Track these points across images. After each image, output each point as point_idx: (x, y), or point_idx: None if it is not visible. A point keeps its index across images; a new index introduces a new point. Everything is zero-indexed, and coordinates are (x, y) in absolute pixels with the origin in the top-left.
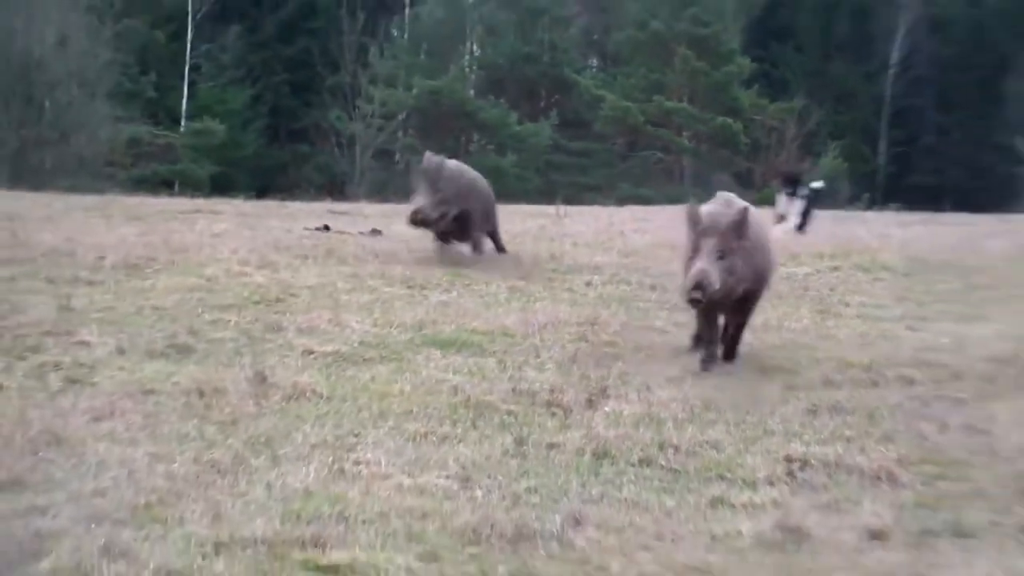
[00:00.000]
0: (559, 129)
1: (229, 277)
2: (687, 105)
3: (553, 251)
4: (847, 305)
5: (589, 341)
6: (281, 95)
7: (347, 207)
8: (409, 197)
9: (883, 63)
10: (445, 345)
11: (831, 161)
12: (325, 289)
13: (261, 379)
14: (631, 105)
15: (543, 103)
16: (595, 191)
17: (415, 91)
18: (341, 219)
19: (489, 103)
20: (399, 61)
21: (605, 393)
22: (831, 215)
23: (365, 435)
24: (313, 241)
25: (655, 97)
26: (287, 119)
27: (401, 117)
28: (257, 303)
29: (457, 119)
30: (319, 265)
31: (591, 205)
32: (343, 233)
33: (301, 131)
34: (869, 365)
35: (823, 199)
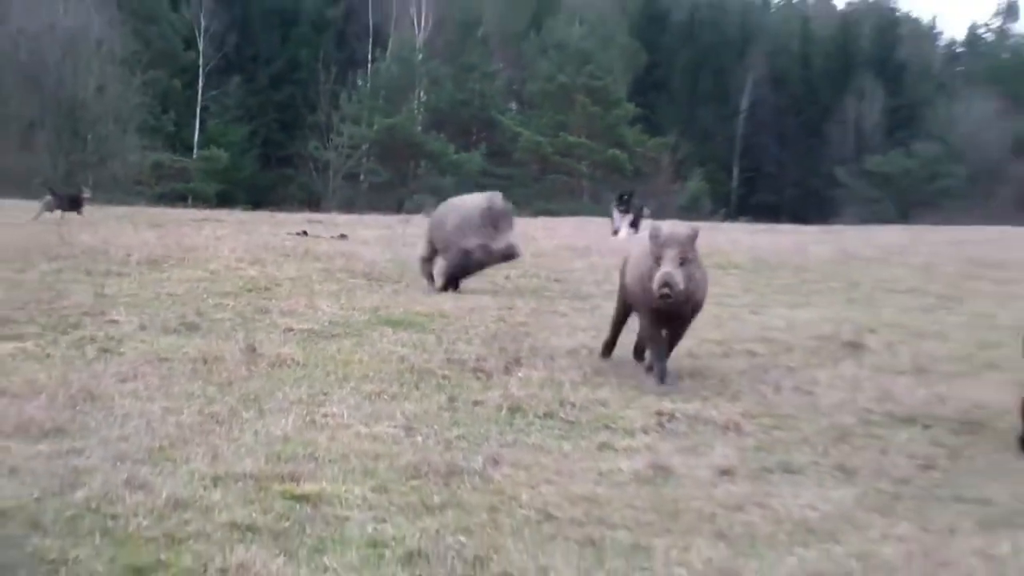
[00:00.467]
0: (487, 158)
1: (228, 271)
2: (585, 140)
3: None
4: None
5: (506, 322)
6: (272, 130)
7: (321, 217)
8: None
9: (735, 109)
10: (395, 324)
11: (696, 184)
12: (302, 280)
13: (251, 350)
14: (542, 139)
15: (474, 137)
16: (516, 206)
17: (375, 127)
18: (316, 226)
19: (432, 137)
20: (363, 104)
21: (518, 362)
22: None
23: (331, 394)
24: (294, 243)
25: (560, 133)
26: (276, 149)
27: (364, 147)
28: (249, 291)
29: (408, 149)
30: (298, 261)
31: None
32: (317, 237)
33: (287, 158)
34: (721, 341)
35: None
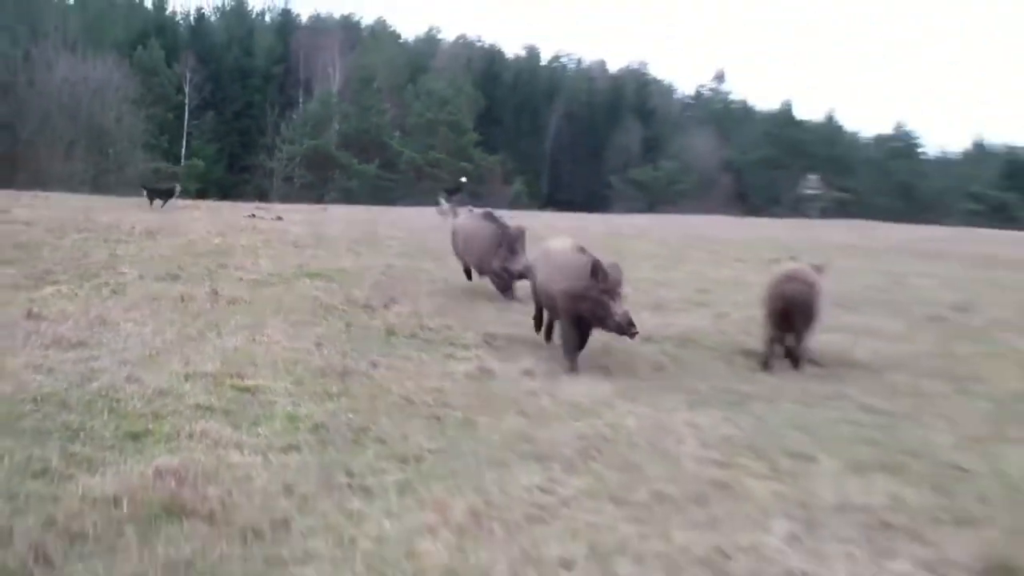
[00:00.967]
0: (380, 168)
1: (201, 240)
2: (445, 156)
3: (373, 230)
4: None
5: (386, 275)
6: (234, 148)
7: (266, 206)
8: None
9: (544, 137)
10: (312, 276)
11: (518, 187)
12: (251, 246)
13: (215, 292)
14: (417, 156)
15: (371, 154)
16: (398, 203)
17: (304, 146)
18: (262, 212)
19: (343, 153)
20: (296, 131)
21: (394, 301)
22: (519, 213)
23: (268, 322)
24: (247, 223)
25: (429, 152)
26: (237, 160)
27: (297, 159)
28: (215, 253)
29: (326, 161)
30: (249, 234)
31: (400, 207)
32: (263, 219)
33: (245, 166)
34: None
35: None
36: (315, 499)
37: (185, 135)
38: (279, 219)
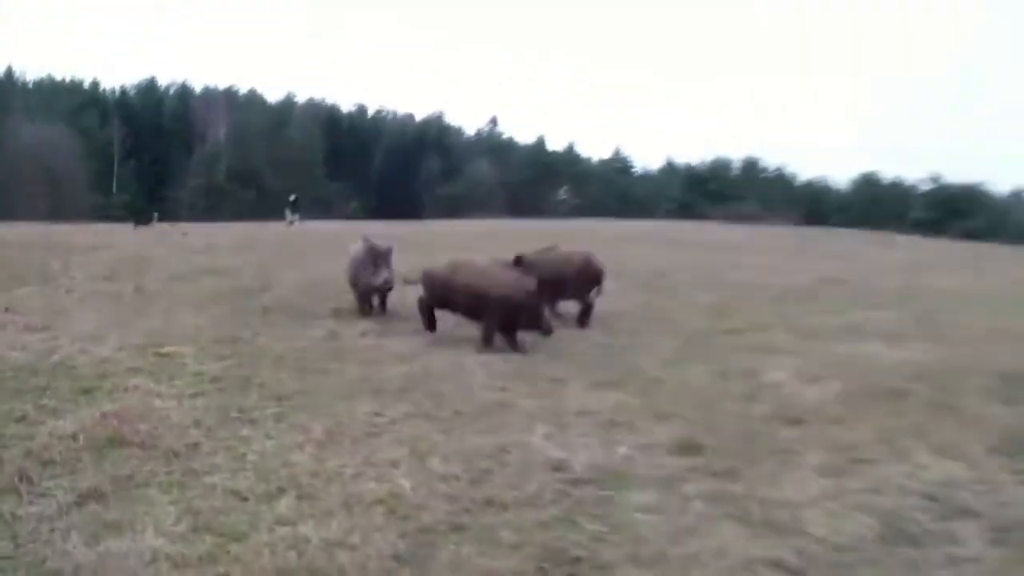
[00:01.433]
0: (256, 194)
1: (131, 251)
2: (303, 184)
3: (253, 238)
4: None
5: (263, 266)
6: (152, 184)
7: (177, 225)
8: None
9: (372, 167)
10: (210, 273)
11: (355, 204)
12: (166, 254)
13: (139, 288)
14: (280, 184)
15: (250, 184)
16: (271, 218)
17: (202, 181)
18: (175, 230)
19: (231, 184)
20: (195, 170)
21: (269, 286)
22: (357, 223)
23: (179, 308)
24: (162, 238)
25: (290, 182)
26: (155, 192)
27: (198, 190)
28: (140, 260)
29: (219, 190)
30: (163, 247)
31: (270, 222)
32: (174, 235)
33: (160, 197)
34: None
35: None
36: (216, 429)
37: (115, 177)
38: (185, 234)
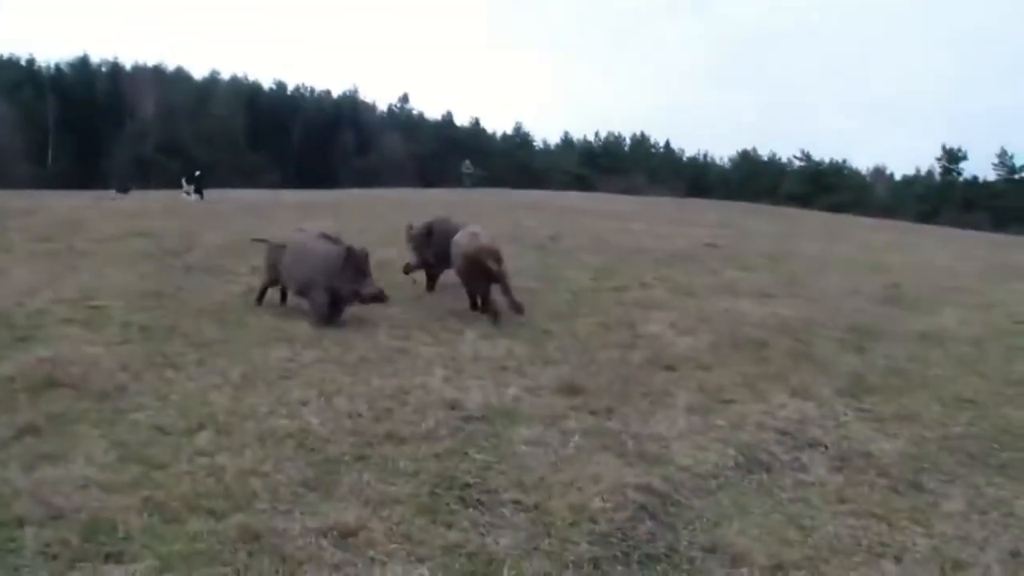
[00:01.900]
0: (181, 164)
1: (65, 214)
2: (226, 156)
3: (178, 205)
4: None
5: (186, 231)
6: (87, 156)
7: (108, 193)
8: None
9: (292, 140)
10: (138, 235)
11: (275, 174)
12: (97, 217)
13: (72, 248)
14: (205, 157)
15: (176, 156)
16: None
17: (132, 153)
18: (107, 197)
19: (159, 156)
20: (126, 143)
21: (190, 248)
22: (277, 191)
23: (111, 268)
24: (95, 203)
25: (214, 155)
26: (90, 163)
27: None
28: (74, 223)
29: (147, 162)
30: (96, 210)
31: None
32: (107, 200)
33: (95, 168)
34: None
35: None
36: (142, 372)
37: (51, 149)
38: (114, 199)
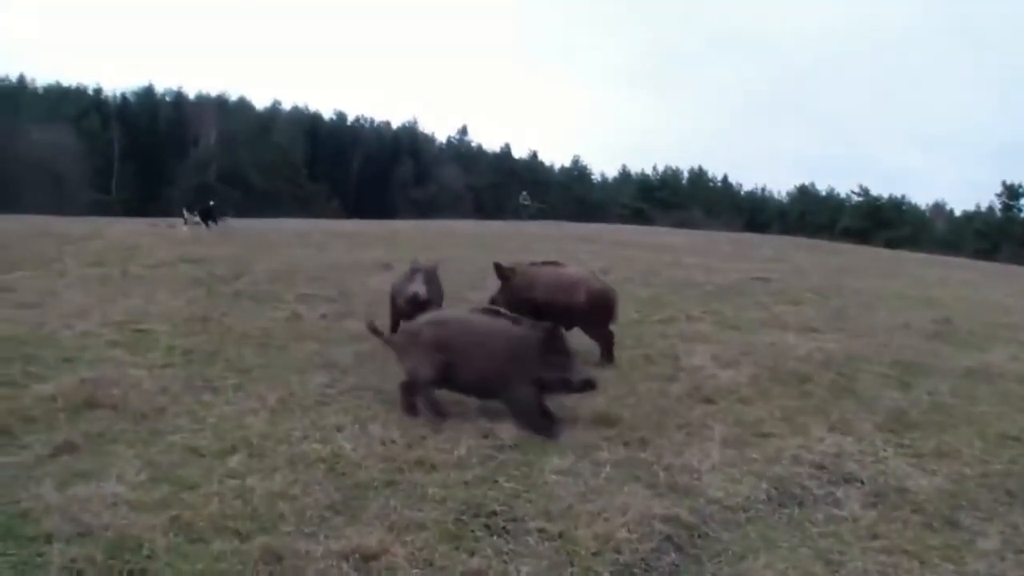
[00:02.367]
0: (243, 193)
1: (119, 241)
2: (286, 185)
3: (231, 232)
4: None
5: (235, 259)
6: (150, 183)
7: (168, 220)
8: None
9: (351, 170)
10: (188, 261)
11: (335, 203)
12: (152, 243)
13: (125, 272)
14: (266, 184)
15: (236, 184)
16: (254, 215)
17: (194, 181)
18: (161, 224)
19: (219, 184)
20: (188, 171)
21: (239, 275)
22: (336, 221)
23: (158, 292)
24: (149, 230)
25: (275, 182)
26: (151, 191)
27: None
28: (128, 248)
29: (208, 190)
30: (150, 237)
31: (252, 219)
32: (160, 228)
33: (156, 196)
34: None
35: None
36: (181, 395)
37: (114, 176)
38: (171, 227)
